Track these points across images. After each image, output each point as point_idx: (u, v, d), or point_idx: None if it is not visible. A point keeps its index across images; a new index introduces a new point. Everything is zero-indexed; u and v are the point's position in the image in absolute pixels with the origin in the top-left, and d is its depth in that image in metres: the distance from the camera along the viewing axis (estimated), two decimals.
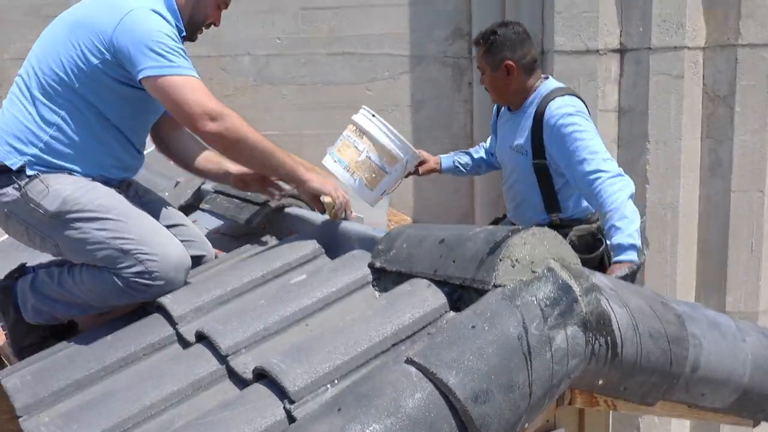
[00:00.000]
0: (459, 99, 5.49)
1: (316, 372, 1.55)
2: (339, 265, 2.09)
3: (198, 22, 2.41)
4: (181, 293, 2.20)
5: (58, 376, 1.97)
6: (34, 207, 2.20)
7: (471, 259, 1.68)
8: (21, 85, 2.28)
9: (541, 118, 2.93)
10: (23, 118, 2.23)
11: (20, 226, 2.28)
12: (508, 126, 3.19)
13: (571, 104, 2.92)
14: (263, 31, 5.52)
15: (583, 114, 2.92)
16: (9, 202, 2.22)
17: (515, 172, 3.15)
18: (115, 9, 2.17)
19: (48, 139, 2.22)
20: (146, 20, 2.15)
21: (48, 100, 2.23)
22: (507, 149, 3.16)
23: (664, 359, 1.66)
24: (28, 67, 2.29)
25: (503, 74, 3.00)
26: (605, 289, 1.60)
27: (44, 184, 2.20)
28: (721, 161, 4.62)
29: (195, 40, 2.47)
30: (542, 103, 2.95)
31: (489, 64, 3.02)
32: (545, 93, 2.99)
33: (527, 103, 3.04)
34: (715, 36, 4.50)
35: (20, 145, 2.21)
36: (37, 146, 2.22)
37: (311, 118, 5.60)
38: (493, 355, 1.39)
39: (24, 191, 2.19)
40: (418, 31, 5.44)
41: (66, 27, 2.25)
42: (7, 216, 2.26)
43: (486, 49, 3.01)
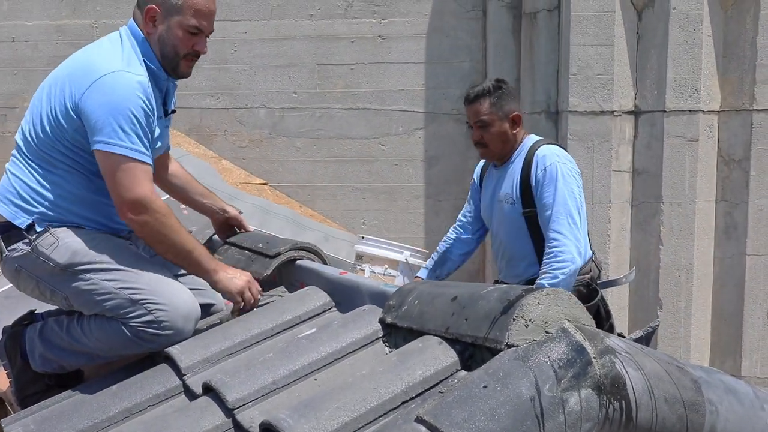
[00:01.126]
0: (472, 155, 5.51)
1: (324, 428, 1.51)
2: (349, 320, 2.07)
3: (170, 56, 2.29)
4: (189, 344, 2.18)
5: (62, 425, 1.94)
6: (44, 260, 2.20)
7: (484, 318, 1.66)
8: (20, 146, 2.30)
9: (530, 166, 2.97)
10: (25, 178, 2.25)
11: (31, 281, 2.27)
12: (494, 182, 3.22)
13: (561, 154, 3.03)
14: (280, 84, 5.62)
15: (572, 164, 3.01)
16: (19, 257, 2.22)
17: (504, 224, 3.15)
18: (87, 73, 2.15)
19: (52, 197, 2.23)
20: (112, 90, 2.12)
21: (42, 162, 2.24)
22: (494, 202, 3.18)
23: (680, 425, 1.62)
24: (23, 128, 2.30)
25: (510, 125, 3.06)
26: (620, 351, 1.57)
27: (54, 237, 2.21)
28: (736, 224, 4.60)
29: (187, 76, 2.39)
30: (530, 152, 3.04)
31: (498, 116, 3.05)
32: (531, 144, 3.09)
33: (514, 156, 3.11)
34: (729, 101, 4.54)
35: (26, 205, 2.23)
36: (43, 204, 2.23)
37: (324, 171, 5.65)
38: (505, 416, 1.36)
39: (34, 245, 2.20)
40: (434, 88, 5.53)
41: (49, 88, 2.25)
42: (17, 271, 2.26)
43: (495, 100, 3.04)
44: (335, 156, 5.65)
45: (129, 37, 2.28)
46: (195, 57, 2.35)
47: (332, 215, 5.62)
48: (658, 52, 4.55)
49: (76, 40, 5.65)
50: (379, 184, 5.63)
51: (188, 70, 2.38)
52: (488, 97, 3.05)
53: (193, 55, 2.33)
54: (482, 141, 3.11)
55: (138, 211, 2.16)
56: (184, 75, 2.38)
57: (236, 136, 5.68)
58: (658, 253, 4.60)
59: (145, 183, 2.16)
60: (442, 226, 5.63)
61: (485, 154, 3.20)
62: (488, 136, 3.08)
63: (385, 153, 5.61)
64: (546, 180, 2.94)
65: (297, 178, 5.68)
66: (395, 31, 5.53)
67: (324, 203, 5.64)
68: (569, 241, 2.86)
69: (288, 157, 5.68)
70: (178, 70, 2.34)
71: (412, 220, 5.64)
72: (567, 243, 2.86)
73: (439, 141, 5.58)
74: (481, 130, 3.08)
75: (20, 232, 2.21)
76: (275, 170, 5.67)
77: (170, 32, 2.26)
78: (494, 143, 3.10)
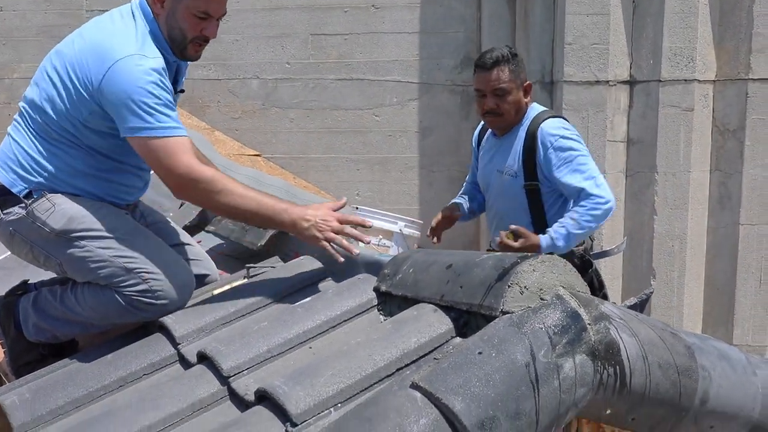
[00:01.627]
0: (466, 126, 5.50)
1: (319, 395, 1.52)
2: (344, 289, 2.07)
3: (178, 39, 2.24)
4: (184, 313, 2.18)
5: (57, 394, 1.94)
6: (39, 225, 2.18)
7: (479, 285, 1.66)
8: (24, 115, 2.26)
9: (534, 139, 2.94)
10: (27, 147, 2.22)
11: (25, 245, 2.26)
12: (494, 150, 3.16)
13: (565, 126, 2.98)
14: (273, 55, 5.56)
15: (578, 137, 2.98)
16: (14, 221, 2.21)
17: (502, 196, 3.12)
18: (102, 57, 2.10)
19: (52, 170, 2.21)
20: (131, 74, 2.08)
21: (46, 135, 2.21)
22: (494, 173, 3.13)
23: (673, 391, 1.63)
24: (29, 99, 2.26)
25: (522, 94, 3.00)
26: (614, 318, 1.57)
27: (50, 203, 2.19)
28: (730, 194, 4.61)
29: (196, 59, 2.34)
30: (533, 125, 2.98)
31: (515, 84, 2.96)
32: (534, 115, 3.03)
33: (517, 127, 3.05)
34: (725, 70, 4.52)
35: (25, 174, 2.21)
36: (42, 175, 2.21)
37: (318, 142, 5.62)
38: (500, 382, 1.36)
39: (30, 209, 2.18)
40: (428, 58, 5.48)
41: (59, 68, 2.20)
42: (11, 235, 2.25)
43: (514, 68, 2.95)
44: (329, 127, 5.62)
45: (140, 15, 2.21)
46: (204, 41, 2.29)
47: (326, 186, 5.60)
48: (654, 21, 4.51)
49: (64, 9, 5.57)
50: (373, 155, 5.60)
51: (197, 54, 2.31)
52: (508, 64, 2.94)
53: (202, 39, 2.27)
54: (497, 110, 2.98)
55: (185, 187, 2.15)
56: (192, 58, 2.33)
57: (229, 107, 5.64)
58: (652, 223, 4.60)
59: (182, 157, 2.11)
60: (437, 197, 5.63)
61: (496, 123, 3.07)
62: (505, 105, 2.97)
63: (379, 124, 5.57)
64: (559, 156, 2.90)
65: (290, 149, 5.65)
66: (389, 0, 5.47)
67: (318, 174, 5.61)
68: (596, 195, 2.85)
69: (281, 128, 5.64)
70: (186, 54, 2.29)
71: (406, 191, 5.62)
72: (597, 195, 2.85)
73: (433, 112, 5.55)
74: (498, 99, 2.96)
75: (15, 197, 2.19)
76: (268, 141, 5.64)
77: (178, 15, 2.20)
78: (509, 112, 2.99)
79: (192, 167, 2.13)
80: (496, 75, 2.95)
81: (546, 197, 3.01)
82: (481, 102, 3.03)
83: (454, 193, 5.56)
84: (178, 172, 2.12)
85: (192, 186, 2.13)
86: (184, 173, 2.12)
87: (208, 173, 2.14)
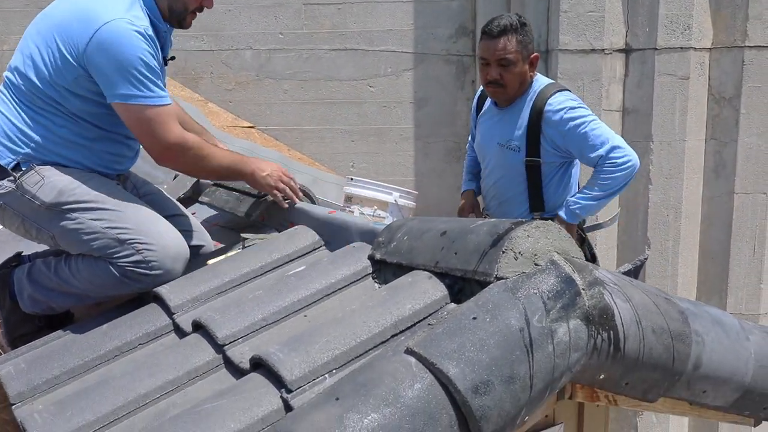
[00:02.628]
0: (462, 97, 5.47)
1: (314, 362, 1.52)
2: (338, 257, 2.07)
3: (179, 10, 2.28)
4: (178, 283, 2.18)
5: (53, 364, 1.94)
6: (29, 198, 2.17)
7: (473, 252, 1.65)
8: (9, 85, 2.24)
9: (540, 115, 2.90)
10: (12, 117, 2.20)
11: (16, 219, 2.25)
12: (494, 122, 3.11)
13: (571, 98, 2.95)
14: (266, 25, 5.51)
15: (584, 105, 2.96)
16: (4, 194, 2.19)
17: (501, 168, 3.10)
18: (88, 20, 2.07)
19: (39, 140, 2.19)
20: (118, 40, 2.06)
21: (32, 104, 2.19)
22: (494, 145, 3.09)
23: (666, 355, 1.63)
24: (13, 67, 2.24)
25: (528, 66, 2.94)
26: (608, 283, 1.57)
27: (40, 175, 2.17)
28: (725, 163, 4.61)
29: (187, 27, 2.38)
30: (539, 100, 2.93)
31: (522, 55, 2.88)
32: (538, 89, 2.97)
33: (520, 99, 3.00)
34: (721, 37, 4.49)
35: (11, 145, 2.18)
36: (29, 146, 2.19)
37: (312, 113, 5.59)
38: (494, 347, 1.36)
39: (19, 182, 2.16)
40: (422, 28, 5.43)
41: (41, 36, 2.18)
42: (2, 208, 2.23)
43: (522, 38, 2.86)
44: (323, 98, 5.58)
45: None
46: (200, 11, 2.37)
47: (321, 158, 5.58)
48: None
49: None
50: (368, 126, 5.58)
51: (191, 23, 2.39)
52: (515, 34, 2.85)
53: (200, 9, 2.35)
54: (500, 80, 2.91)
55: (174, 156, 2.24)
56: (186, 27, 2.39)
57: (222, 78, 5.59)
58: (647, 192, 4.60)
59: (172, 126, 2.19)
60: (432, 168, 5.62)
61: (498, 94, 3.00)
62: (509, 77, 2.90)
63: (374, 94, 5.54)
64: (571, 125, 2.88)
65: (285, 120, 5.61)
66: None
67: (312, 146, 5.59)
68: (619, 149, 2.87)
69: (275, 100, 5.60)
70: (183, 23, 2.35)
71: (401, 162, 5.61)
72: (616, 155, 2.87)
73: (428, 82, 5.51)
74: (502, 69, 2.89)
75: (4, 169, 2.18)
76: (262, 113, 5.60)
77: None
78: (512, 84, 2.93)
79: (183, 136, 2.22)
80: (502, 44, 2.86)
81: (545, 173, 3.00)
82: (484, 71, 2.96)
83: (450, 164, 5.60)
84: (171, 141, 2.19)
85: (181, 153, 2.23)
86: (176, 142, 2.20)
87: (196, 140, 2.27)
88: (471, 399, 1.29)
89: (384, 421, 1.25)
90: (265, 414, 1.46)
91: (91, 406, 1.67)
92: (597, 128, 2.88)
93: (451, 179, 5.60)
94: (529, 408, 1.40)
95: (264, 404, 1.48)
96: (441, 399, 1.30)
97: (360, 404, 1.27)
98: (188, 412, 1.50)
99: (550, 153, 2.96)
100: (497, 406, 1.32)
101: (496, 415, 1.32)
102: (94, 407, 1.67)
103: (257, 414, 1.46)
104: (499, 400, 1.32)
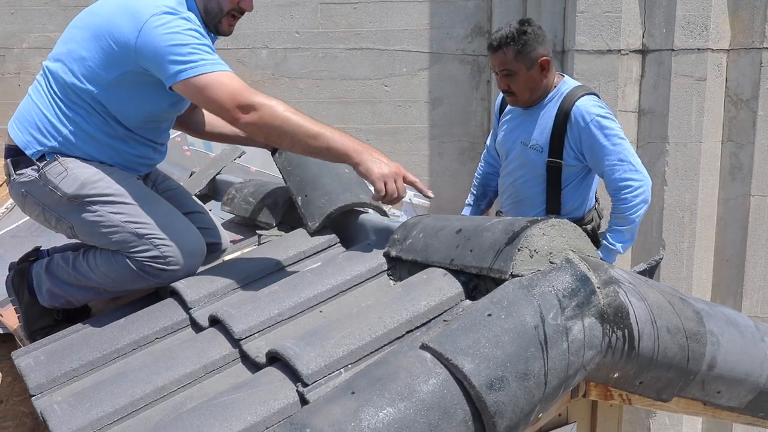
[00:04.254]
0: (476, 97, 5.48)
1: (330, 356, 1.54)
2: (354, 254, 2.08)
3: (214, 11, 2.23)
4: (195, 279, 2.20)
5: (72, 356, 1.97)
6: (51, 189, 2.20)
7: (488, 249, 1.66)
8: (46, 77, 2.25)
9: (566, 117, 2.90)
10: (45, 109, 2.22)
11: (36, 207, 2.28)
12: (518, 122, 3.13)
13: (599, 105, 2.95)
14: (282, 24, 5.53)
15: (612, 116, 2.96)
16: (26, 183, 2.22)
17: (523, 168, 3.10)
18: (134, 16, 2.07)
19: (67, 134, 2.21)
20: (166, 25, 2.04)
21: (68, 99, 2.20)
22: (517, 145, 3.10)
23: (681, 355, 1.63)
24: (52, 61, 2.25)
25: (538, 71, 2.94)
26: (624, 282, 1.58)
27: (63, 167, 2.20)
28: (742, 165, 4.58)
29: (229, 33, 2.31)
30: (566, 102, 2.93)
31: (525, 64, 2.91)
32: (566, 91, 2.97)
33: (546, 100, 3.01)
34: (739, 39, 4.46)
35: (40, 137, 2.21)
36: (57, 140, 2.21)
37: (328, 112, 5.61)
38: (509, 343, 1.37)
39: (42, 172, 2.19)
40: (438, 27, 5.44)
41: (88, 31, 2.17)
42: (24, 196, 2.27)
43: (519, 49, 2.89)
44: (338, 97, 5.60)
45: None
46: (239, 14, 2.26)
47: None
48: None
49: None
50: (383, 126, 5.59)
51: (230, 29, 2.28)
52: (512, 46, 2.89)
53: (238, 11, 2.25)
54: (508, 90, 3.00)
55: (250, 110, 2.02)
56: (225, 33, 2.29)
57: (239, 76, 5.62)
58: (662, 193, 4.59)
59: (235, 84, 2.04)
60: (447, 167, 5.62)
61: (513, 102, 3.08)
62: (516, 85, 2.96)
63: (389, 94, 5.55)
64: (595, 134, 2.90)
65: None
66: None
67: None
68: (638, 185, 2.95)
69: (291, 99, 5.62)
70: (219, 28, 2.26)
71: (416, 161, 5.62)
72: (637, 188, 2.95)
73: (444, 82, 5.52)
74: (507, 79, 2.96)
75: (29, 159, 2.21)
76: None
77: None
78: (521, 92, 2.98)
79: (252, 90, 2.05)
80: (501, 57, 2.94)
81: (566, 176, 3.01)
82: (497, 80, 3.06)
83: (464, 164, 5.60)
84: (240, 100, 2.02)
85: (256, 109, 2.02)
86: (245, 98, 2.02)
87: (273, 100, 2.06)
88: (486, 394, 1.30)
89: (399, 416, 1.26)
90: (282, 407, 1.48)
91: (109, 397, 1.69)
92: (618, 144, 2.92)
93: (465, 179, 5.60)
94: (543, 405, 1.41)
95: (280, 398, 1.49)
96: (456, 394, 1.31)
97: (375, 398, 1.29)
98: (205, 404, 1.52)
99: (572, 156, 2.96)
100: (511, 402, 1.33)
101: (511, 411, 1.33)
102: (112, 399, 1.69)
103: (274, 407, 1.47)
104: (514, 396, 1.33)
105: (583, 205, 3.08)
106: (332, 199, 2.37)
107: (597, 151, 2.91)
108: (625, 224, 2.96)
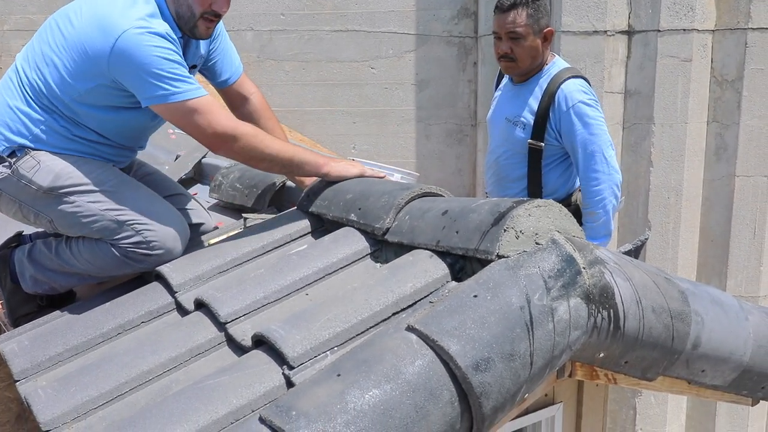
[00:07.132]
0: (463, 78, 5.46)
1: (315, 339, 1.53)
2: (340, 237, 2.07)
3: (186, 16, 2.16)
4: (180, 262, 2.19)
5: (56, 341, 1.96)
6: (26, 183, 2.15)
7: (474, 230, 1.66)
8: (18, 75, 2.20)
9: (552, 98, 2.89)
10: (15, 108, 2.17)
11: (13, 204, 2.23)
12: (507, 97, 3.10)
13: (584, 90, 2.92)
14: (267, 6, 5.48)
15: (596, 103, 2.94)
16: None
17: (505, 144, 3.09)
18: (106, 30, 2.01)
19: (38, 132, 2.16)
20: (139, 45, 2.00)
21: (39, 100, 2.16)
22: (502, 120, 3.08)
23: (666, 334, 1.64)
24: (23, 62, 2.20)
25: (541, 41, 2.90)
26: (609, 262, 1.58)
27: (35, 160, 2.15)
28: (727, 145, 4.60)
29: (207, 37, 2.25)
30: (553, 82, 2.91)
31: (533, 29, 2.85)
32: (555, 72, 2.95)
33: (535, 77, 2.99)
34: (725, 19, 4.46)
35: (9, 134, 2.16)
36: (27, 137, 2.16)
37: (314, 95, 5.58)
38: (494, 324, 1.37)
39: (15, 168, 2.14)
40: (425, 9, 5.40)
41: (67, 34, 2.11)
42: None
43: (533, 12, 2.84)
44: (324, 80, 5.56)
45: None
46: (214, 17, 2.21)
47: (322, 140, 5.58)
48: None
49: None
50: (370, 108, 5.56)
51: (208, 32, 2.23)
52: (526, 7, 2.83)
53: (211, 14, 2.18)
54: (510, 54, 2.90)
55: (227, 143, 2.11)
56: (203, 36, 2.25)
57: None
58: (648, 175, 4.60)
59: (215, 115, 2.09)
60: (433, 149, 5.61)
61: (510, 69, 3.00)
62: (519, 50, 2.89)
63: (375, 76, 5.53)
64: (573, 121, 2.88)
65: (286, 102, 5.60)
66: None
67: (314, 128, 5.58)
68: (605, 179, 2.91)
69: (276, 81, 5.59)
70: (195, 32, 2.21)
71: (402, 144, 5.60)
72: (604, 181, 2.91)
73: (430, 64, 5.49)
74: (512, 42, 2.88)
75: None
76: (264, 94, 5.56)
77: None
78: (523, 58, 2.91)
79: (231, 123, 2.13)
80: (512, 18, 2.86)
81: (547, 156, 2.99)
82: (497, 45, 2.96)
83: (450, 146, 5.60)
84: (216, 130, 2.09)
85: (232, 140, 2.11)
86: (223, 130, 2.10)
87: (248, 128, 2.16)
88: (471, 375, 1.31)
89: (385, 397, 1.26)
90: (267, 390, 1.47)
91: (94, 382, 1.69)
92: (597, 134, 2.90)
93: (451, 161, 5.61)
94: (529, 385, 1.41)
95: (266, 380, 1.49)
96: (442, 375, 1.31)
97: (361, 380, 1.28)
98: (191, 387, 1.52)
99: (553, 137, 2.95)
100: (497, 382, 1.33)
101: (497, 392, 1.33)
102: (97, 383, 1.68)
103: (259, 390, 1.47)
104: (500, 377, 1.34)
105: (566, 185, 3.08)
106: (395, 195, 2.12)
107: (572, 138, 2.90)
108: (595, 220, 2.93)
